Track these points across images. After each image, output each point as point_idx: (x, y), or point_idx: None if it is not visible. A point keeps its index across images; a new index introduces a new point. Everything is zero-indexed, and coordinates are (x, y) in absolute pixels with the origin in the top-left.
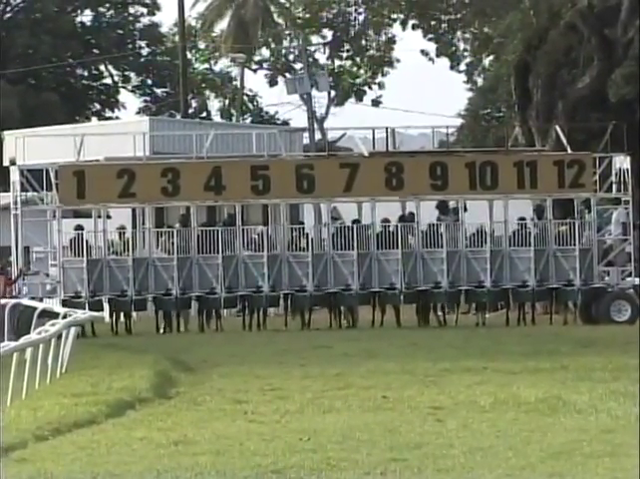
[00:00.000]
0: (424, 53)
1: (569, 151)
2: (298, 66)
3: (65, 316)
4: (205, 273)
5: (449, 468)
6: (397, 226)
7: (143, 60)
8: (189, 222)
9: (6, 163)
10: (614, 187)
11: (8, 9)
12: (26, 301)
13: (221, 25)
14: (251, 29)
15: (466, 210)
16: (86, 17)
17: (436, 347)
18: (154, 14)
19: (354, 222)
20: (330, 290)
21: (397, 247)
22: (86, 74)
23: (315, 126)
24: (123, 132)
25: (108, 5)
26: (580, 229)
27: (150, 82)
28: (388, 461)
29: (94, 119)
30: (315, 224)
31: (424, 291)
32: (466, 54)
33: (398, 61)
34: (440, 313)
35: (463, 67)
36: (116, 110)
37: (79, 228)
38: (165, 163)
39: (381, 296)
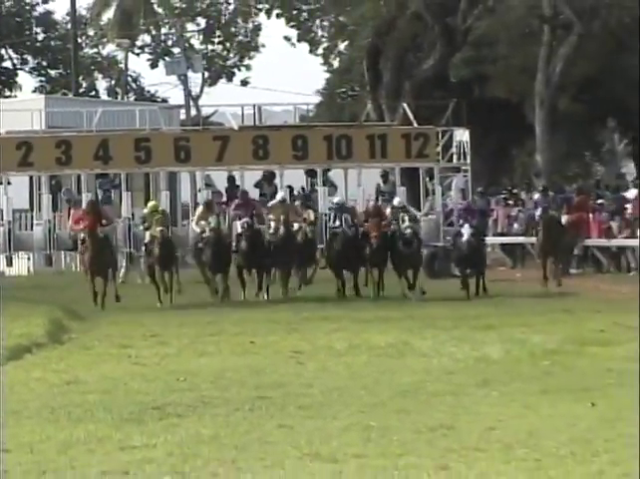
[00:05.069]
0: (286, 39)
1: (415, 125)
2: (176, 50)
3: None
4: None
5: (308, 405)
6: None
7: (39, 44)
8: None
9: None
10: (454, 157)
11: None
12: None
13: (108, 14)
14: (134, 18)
15: (329, 182)
16: None
17: (299, 299)
18: (47, 2)
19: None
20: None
21: None
22: None
23: (191, 103)
24: (21, 109)
25: None
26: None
27: (45, 64)
28: (255, 399)
29: None
30: (191, 189)
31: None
32: (323, 39)
33: (263, 46)
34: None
35: (320, 51)
36: (14, 90)
37: None
38: (59, 136)
39: None
